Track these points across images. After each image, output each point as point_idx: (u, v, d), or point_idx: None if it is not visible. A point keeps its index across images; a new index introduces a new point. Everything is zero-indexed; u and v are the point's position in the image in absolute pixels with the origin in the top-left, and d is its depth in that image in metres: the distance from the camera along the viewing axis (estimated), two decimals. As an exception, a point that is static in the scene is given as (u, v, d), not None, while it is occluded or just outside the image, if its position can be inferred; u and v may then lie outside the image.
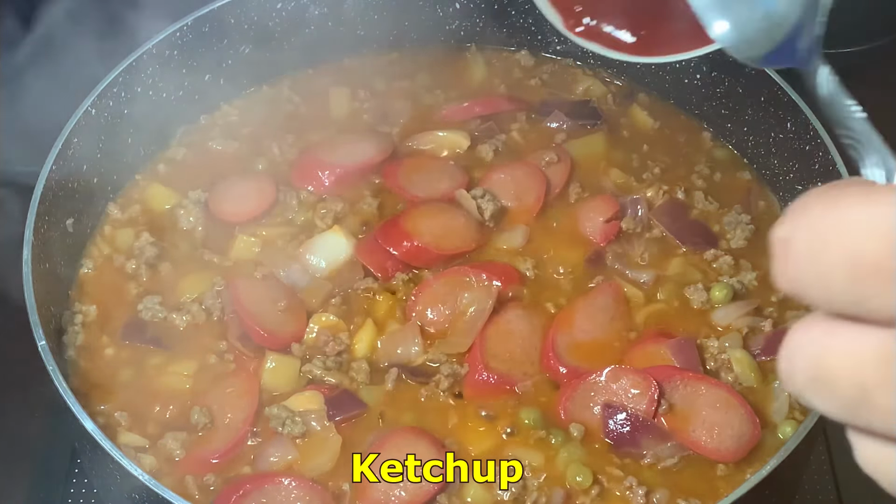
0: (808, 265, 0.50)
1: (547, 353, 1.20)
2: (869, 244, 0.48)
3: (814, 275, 0.50)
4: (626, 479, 1.11)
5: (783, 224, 0.52)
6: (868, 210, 0.49)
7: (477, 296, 1.22)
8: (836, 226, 0.49)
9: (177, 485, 1.10)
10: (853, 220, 0.49)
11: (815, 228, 0.50)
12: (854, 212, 0.49)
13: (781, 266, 0.52)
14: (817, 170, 1.27)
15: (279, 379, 1.18)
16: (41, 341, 1.09)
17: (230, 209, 1.32)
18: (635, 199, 1.33)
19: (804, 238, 0.50)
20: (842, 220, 0.49)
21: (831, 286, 0.50)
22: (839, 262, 0.49)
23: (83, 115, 1.27)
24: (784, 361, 0.53)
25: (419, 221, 1.29)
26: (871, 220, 0.48)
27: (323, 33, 1.48)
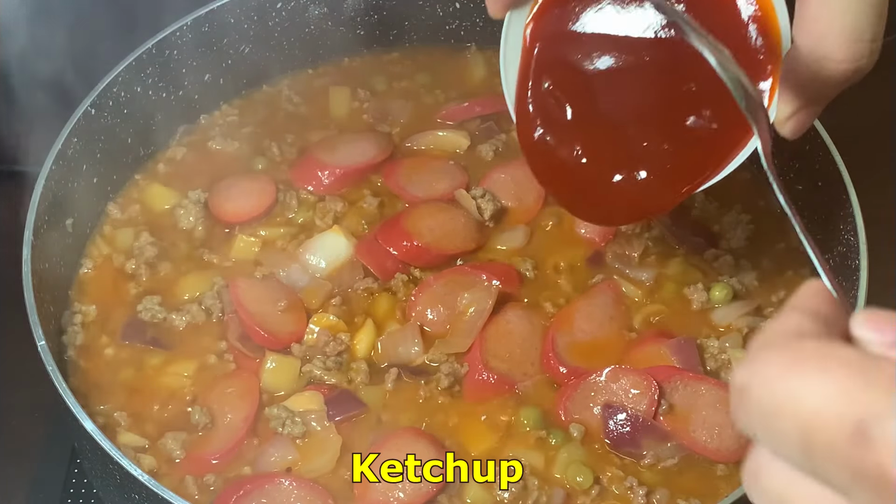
0: (763, 423, 0.52)
1: (547, 353, 1.19)
2: (820, 425, 0.49)
3: (768, 433, 0.52)
4: (627, 479, 1.11)
5: (741, 371, 0.53)
6: (822, 386, 0.50)
7: (477, 296, 1.22)
8: (790, 395, 0.51)
9: (177, 485, 1.10)
10: (807, 394, 0.50)
11: (771, 390, 0.52)
12: (808, 386, 0.50)
13: (740, 412, 0.54)
14: (817, 170, 1.27)
15: (279, 379, 1.18)
16: (41, 341, 1.09)
17: (230, 209, 1.32)
18: None
19: (759, 396, 0.52)
20: (797, 390, 0.50)
21: (784, 448, 0.52)
22: (791, 431, 0.51)
23: (83, 114, 1.27)
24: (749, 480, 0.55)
25: (419, 221, 1.28)
26: (825, 398, 0.49)
27: (323, 33, 1.48)
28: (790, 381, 0.51)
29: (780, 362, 0.52)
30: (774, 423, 0.52)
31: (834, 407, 0.49)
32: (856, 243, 1.17)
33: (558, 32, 1.08)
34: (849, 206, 1.19)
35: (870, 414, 0.49)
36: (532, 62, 1.10)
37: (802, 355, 0.52)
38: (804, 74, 0.91)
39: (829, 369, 0.51)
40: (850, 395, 0.49)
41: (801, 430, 0.51)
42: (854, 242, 1.17)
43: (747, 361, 0.54)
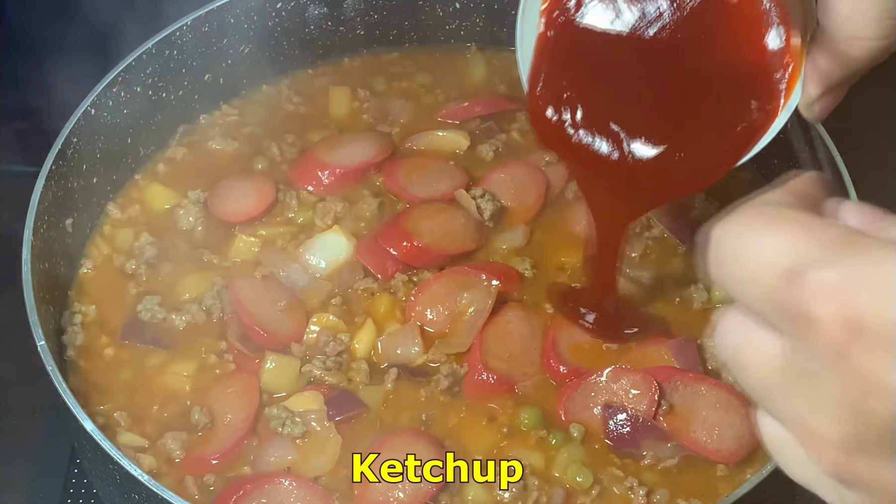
0: (727, 270, 0.60)
1: (547, 353, 1.19)
2: (764, 269, 0.57)
3: (730, 280, 0.60)
4: (627, 479, 1.11)
5: (716, 226, 0.61)
6: (772, 238, 0.58)
7: (476, 296, 1.22)
8: (748, 244, 0.59)
9: (176, 485, 1.10)
10: (760, 244, 0.58)
11: (735, 241, 0.60)
12: (761, 238, 0.58)
13: (709, 262, 0.61)
14: (817, 170, 1.27)
15: (279, 379, 1.18)
16: (40, 341, 1.09)
17: (230, 209, 1.32)
18: None
19: (726, 246, 0.60)
20: (752, 240, 0.58)
21: (741, 293, 0.60)
22: (746, 277, 0.59)
23: (83, 115, 1.27)
24: (717, 337, 0.62)
25: (419, 222, 1.28)
26: (770, 250, 0.57)
27: (323, 33, 1.48)
28: (749, 234, 0.59)
29: (746, 219, 0.60)
30: (735, 272, 0.59)
31: (777, 255, 0.57)
32: (856, 243, 1.17)
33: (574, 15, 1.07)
34: (849, 206, 1.19)
35: (803, 259, 0.55)
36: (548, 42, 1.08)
37: (763, 214, 0.60)
38: (832, 56, 0.92)
39: (781, 225, 0.58)
40: (793, 245, 0.56)
41: (750, 275, 0.58)
42: (854, 242, 1.17)
43: (720, 219, 0.61)
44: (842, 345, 0.53)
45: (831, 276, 0.54)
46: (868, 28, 0.88)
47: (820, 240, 0.56)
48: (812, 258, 0.55)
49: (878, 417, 0.52)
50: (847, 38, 0.90)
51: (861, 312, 0.52)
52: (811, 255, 0.55)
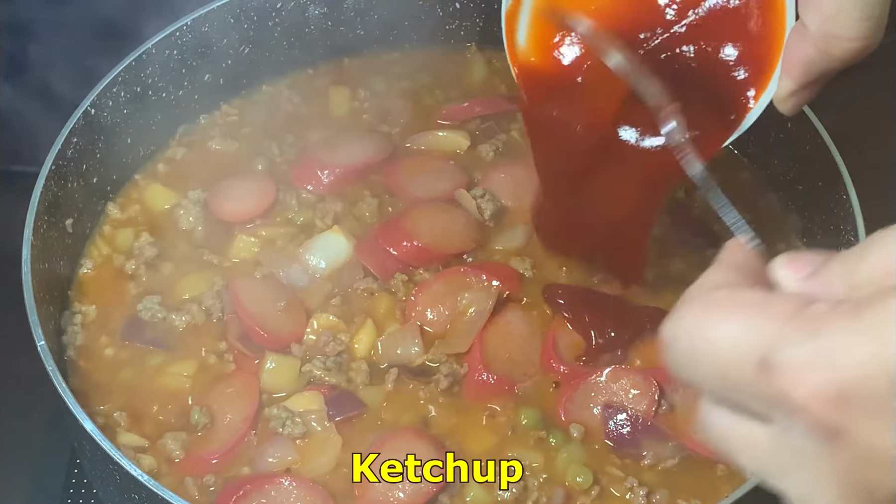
0: (689, 368, 0.59)
1: (547, 353, 1.19)
2: (730, 362, 0.56)
3: (694, 376, 0.59)
4: (627, 479, 1.11)
5: (666, 325, 0.60)
6: (728, 327, 0.56)
7: (476, 296, 1.22)
8: (703, 339, 0.57)
9: (176, 485, 1.10)
10: (716, 336, 0.56)
11: (689, 336, 0.58)
12: (717, 328, 0.56)
13: (668, 358, 0.60)
14: (817, 170, 1.27)
15: (279, 379, 1.18)
16: (40, 341, 1.09)
17: (230, 209, 1.32)
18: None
19: (681, 344, 0.59)
20: (708, 334, 0.57)
21: (709, 388, 0.59)
22: (710, 372, 0.57)
23: (83, 114, 1.27)
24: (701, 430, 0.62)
25: (419, 221, 1.28)
26: (729, 338, 0.56)
27: (323, 33, 1.48)
28: (703, 328, 0.57)
29: (695, 312, 0.58)
30: (696, 369, 0.58)
31: (740, 345, 0.55)
32: (856, 243, 1.16)
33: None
34: (849, 206, 1.19)
35: (769, 344, 0.54)
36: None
37: (713, 303, 0.58)
38: (810, 52, 0.91)
39: (735, 311, 0.56)
40: (751, 331, 0.55)
41: (717, 370, 0.57)
42: (854, 242, 1.17)
43: (671, 315, 0.60)
44: (833, 423, 0.52)
45: (800, 355, 0.52)
46: (849, 28, 0.87)
47: (778, 319, 0.54)
48: (777, 341, 0.54)
49: (882, 488, 0.52)
50: (827, 37, 0.89)
51: (844, 383, 0.51)
52: (774, 337, 0.54)
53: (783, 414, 0.54)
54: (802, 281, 0.59)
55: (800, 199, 1.33)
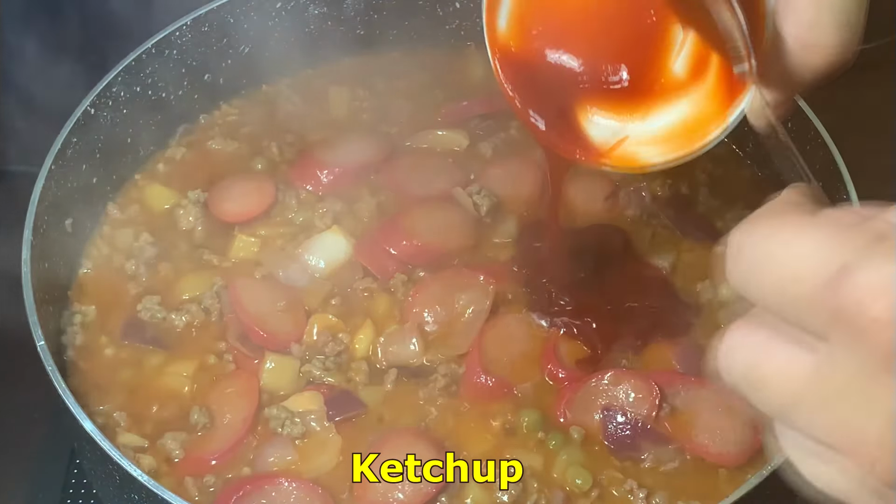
0: (755, 277, 0.57)
1: (547, 357, 1.19)
2: (804, 272, 0.54)
3: (758, 286, 0.57)
4: (626, 481, 1.11)
5: (737, 230, 0.59)
6: (806, 242, 0.55)
7: (474, 297, 1.22)
8: (779, 250, 0.56)
9: (176, 485, 1.10)
10: (793, 249, 0.55)
11: (762, 245, 0.57)
12: (794, 241, 0.56)
13: (732, 268, 0.59)
14: (818, 170, 1.27)
15: (279, 379, 1.18)
16: (40, 341, 1.09)
17: (229, 209, 1.32)
18: (639, 188, 1.33)
19: (752, 252, 0.57)
20: (784, 245, 0.56)
21: (772, 300, 0.57)
22: (779, 283, 0.56)
23: (82, 115, 1.27)
24: (724, 357, 0.59)
25: (418, 220, 1.29)
26: (808, 253, 0.55)
27: (323, 33, 1.48)
28: (779, 237, 0.56)
29: (773, 222, 0.57)
30: (764, 275, 0.56)
31: (816, 256, 0.54)
32: (856, 243, 1.16)
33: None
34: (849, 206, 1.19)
35: (848, 261, 0.52)
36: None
37: (792, 217, 0.57)
38: (788, 63, 0.89)
39: (815, 224, 0.56)
40: (832, 246, 0.54)
41: (788, 280, 0.55)
42: (854, 242, 1.17)
43: (743, 224, 0.59)
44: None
45: (881, 274, 0.51)
46: (827, 38, 0.86)
47: (857, 240, 0.53)
48: (855, 257, 0.52)
49: None
50: (804, 47, 0.87)
51: None
52: (853, 254, 0.53)
53: (849, 331, 0.52)
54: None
55: (800, 199, 1.33)
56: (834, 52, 0.87)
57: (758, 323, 0.58)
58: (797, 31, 0.87)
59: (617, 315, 1.21)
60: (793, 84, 0.91)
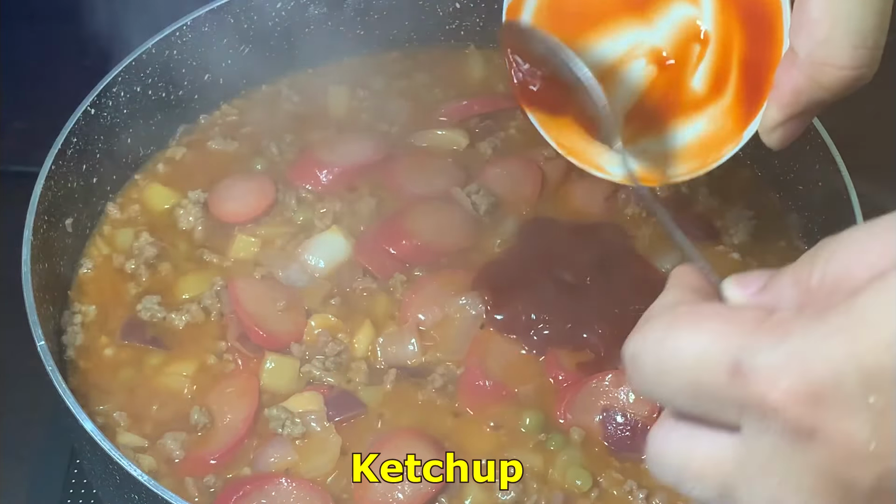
0: (655, 382, 0.59)
1: (547, 358, 1.19)
2: (701, 371, 0.56)
3: (661, 390, 0.59)
4: (626, 482, 1.11)
5: (630, 342, 0.60)
6: (697, 337, 0.56)
7: (471, 300, 1.22)
8: (671, 351, 0.57)
9: (176, 486, 1.10)
10: (685, 347, 0.57)
11: (655, 351, 0.58)
12: (685, 342, 0.57)
13: (634, 378, 0.60)
14: (817, 170, 1.27)
15: (279, 379, 1.18)
16: (40, 341, 1.09)
17: (229, 209, 1.32)
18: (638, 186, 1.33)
19: (647, 359, 0.59)
20: (676, 346, 0.57)
21: (677, 401, 0.58)
22: (679, 383, 0.57)
23: (82, 114, 1.27)
24: (653, 462, 0.61)
25: (418, 220, 1.29)
26: (701, 352, 0.56)
27: (323, 33, 1.48)
28: (671, 341, 0.57)
29: (661, 327, 0.59)
30: (665, 380, 0.58)
31: (708, 353, 0.56)
32: (856, 243, 1.16)
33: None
34: (849, 206, 1.19)
35: (739, 351, 0.54)
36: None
37: (678, 317, 0.59)
38: (800, 81, 0.87)
39: (701, 322, 0.57)
40: (720, 339, 0.55)
41: (687, 380, 0.57)
42: (854, 242, 1.17)
43: (634, 333, 0.60)
44: (809, 422, 0.52)
45: (773, 358, 0.53)
46: (841, 56, 0.83)
47: (746, 326, 0.55)
48: (747, 347, 0.54)
49: (860, 483, 0.52)
50: (817, 64, 0.85)
51: (817, 383, 0.51)
52: (745, 344, 0.54)
53: (756, 418, 0.54)
54: (753, 297, 0.61)
55: (800, 199, 1.33)
56: (848, 72, 0.84)
57: (675, 418, 0.60)
58: (810, 46, 0.85)
59: (621, 318, 1.21)
60: (804, 102, 0.89)
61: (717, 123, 1.01)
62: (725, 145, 1.00)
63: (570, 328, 1.20)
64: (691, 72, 1.02)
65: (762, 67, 0.94)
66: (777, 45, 0.93)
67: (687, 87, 1.02)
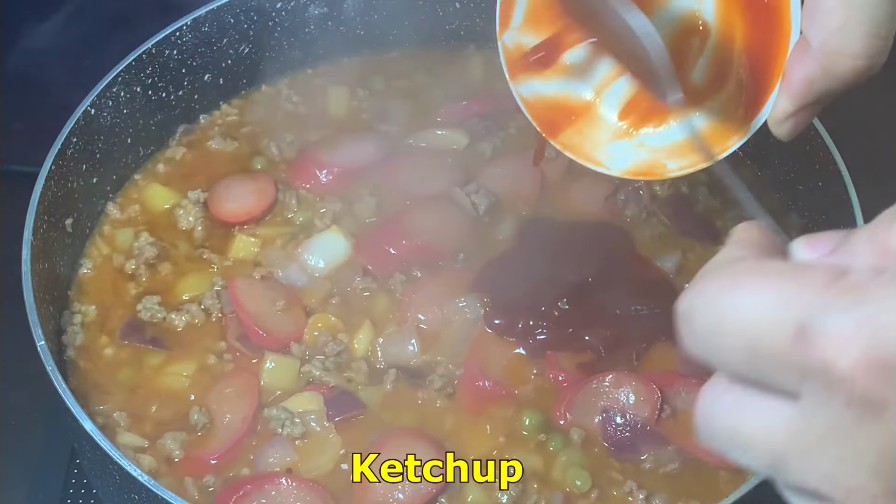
0: (710, 342, 0.55)
1: (549, 361, 1.19)
2: (762, 331, 0.52)
3: (715, 350, 0.55)
4: (626, 483, 1.10)
5: (685, 297, 0.56)
6: (759, 296, 0.53)
7: (470, 301, 1.22)
8: (731, 309, 0.54)
9: (176, 485, 1.10)
10: (746, 305, 0.53)
11: (713, 308, 0.54)
12: (748, 300, 0.53)
13: (687, 335, 0.56)
14: (817, 170, 1.27)
15: (279, 379, 1.18)
16: (40, 341, 1.09)
17: (229, 209, 1.32)
18: (637, 187, 1.34)
19: (703, 316, 0.55)
20: (736, 304, 0.53)
21: (732, 363, 0.55)
22: (737, 344, 0.53)
23: (83, 114, 1.27)
24: (702, 426, 0.57)
25: (418, 220, 1.29)
26: (764, 312, 0.52)
27: (322, 33, 1.48)
28: (729, 298, 0.54)
29: (720, 283, 0.55)
30: (720, 341, 0.54)
31: (773, 313, 0.52)
32: (856, 243, 1.16)
33: None
34: (849, 206, 1.19)
35: (807, 313, 0.50)
36: None
37: (739, 273, 0.55)
38: (812, 71, 0.86)
39: (764, 280, 0.53)
40: (787, 299, 0.52)
41: (746, 341, 0.53)
42: (854, 242, 1.17)
43: (690, 288, 0.56)
44: (879, 395, 0.49)
45: (844, 323, 0.49)
46: (854, 45, 0.82)
47: (815, 286, 0.51)
48: (817, 309, 0.50)
49: None
50: (830, 53, 0.84)
51: (889, 353, 0.48)
52: (814, 305, 0.51)
53: (820, 386, 0.50)
54: (825, 258, 0.56)
55: (800, 199, 1.33)
56: (860, 62, 0.83)
57: (723, 383, 0.56)
58: (823, 35, 0.84)
59: (621, 318, 1.21)
60: (816, 91, 0.88)
61: (720, 116, 1.00)
62: (729, 138, 0.99)
63: (569, 330, 1.20)
64: (691, 64, 1.01)
65: (767, 58, 0.93)
66: (783, 34, 0.92)
67: (687, 80, 1.01)
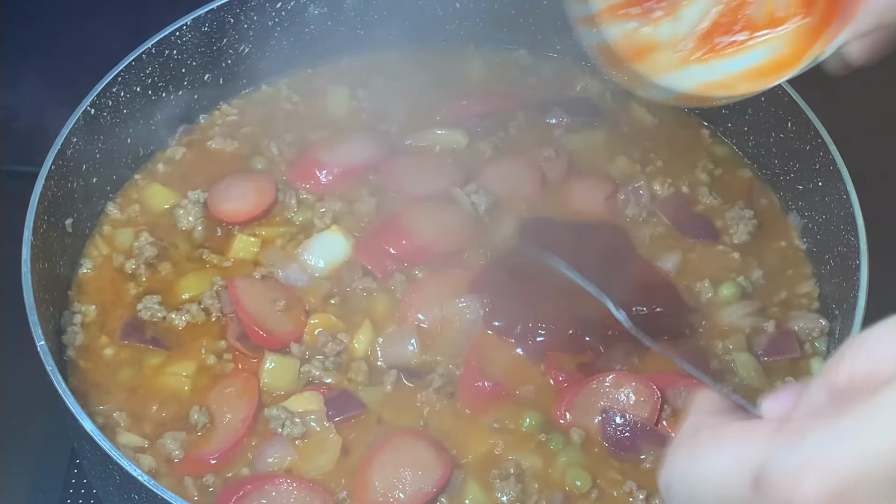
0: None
1: (549, 362, 1.19)
2: (727, 488, 0.58)
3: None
4: (626, 483, 1.10)
5: (662, 474, 0.63)
6: (718, 460, 0.59)
7: (470, 302, 1.22)
8: (700, 476, 0.60)
9: (176, 485, 1.10)
10: (709, 469, 0.60)
11: (684, 480, 0.61)
12: (708, 462, 0.60)
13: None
14: (817, 170, 1.27)
15: (279, 379, 1.18)
16: (40, 341, 1.09)
17: (229, 209, 1.32)
18: (637, 187, 1.34)
19: (679, 488, 0.62)
20: (702, 470, 0.60)
21: None
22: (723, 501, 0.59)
23: (83, 114, 1.27)
24: None
25: (417, 220, 1.29)
26: (723, 467, 0.59)
27: (322, 33, 1.48)
28: (695, 467, 0.61)
29: (686, 455, 0.62)
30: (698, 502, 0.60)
31: (731, 470, 0.58)
32: (856, 243, 1.17)
33: None
34: (849, 206, 1.19)
35: (757, 462, 0.56)
36: None
37: (699, 444, 0.62)
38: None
39: (721, 442, 0.60)
40: (740, 455, 0.58)
41: (717, 500, 0.59)
42: (854, 242, 1.17)
43: (664, 466, 0.63)
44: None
45: (793, 461, 0.54)
46: None
47: (760, 438, 0.57)
48: (766, 456, 0.56)
49: None
50: None
51: (841, 480, 0.52)
52: (763, 454, 0.56)
53: None
54: (789, 409, 0.62)
55: (800, 199, 1.33)
56: None
57: None
58: None
59: None
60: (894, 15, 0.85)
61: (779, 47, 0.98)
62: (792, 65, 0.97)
63: (569, 330, 1.20)
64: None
65: None
66: None
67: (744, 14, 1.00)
